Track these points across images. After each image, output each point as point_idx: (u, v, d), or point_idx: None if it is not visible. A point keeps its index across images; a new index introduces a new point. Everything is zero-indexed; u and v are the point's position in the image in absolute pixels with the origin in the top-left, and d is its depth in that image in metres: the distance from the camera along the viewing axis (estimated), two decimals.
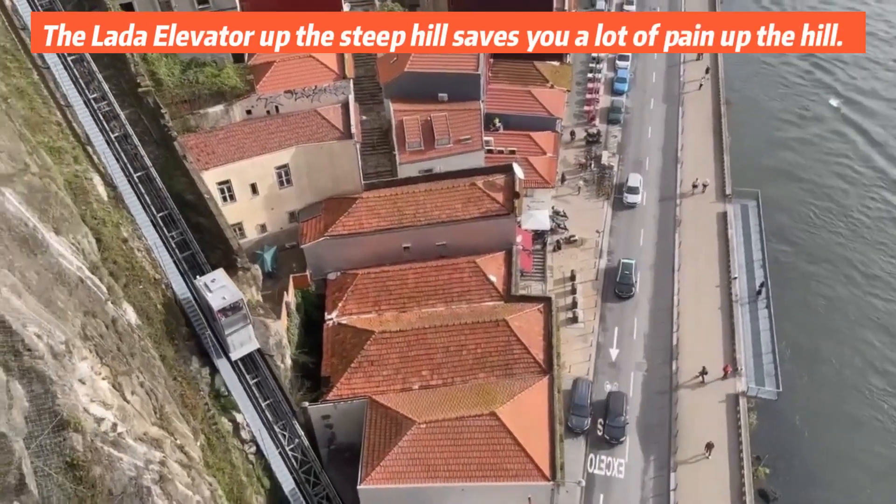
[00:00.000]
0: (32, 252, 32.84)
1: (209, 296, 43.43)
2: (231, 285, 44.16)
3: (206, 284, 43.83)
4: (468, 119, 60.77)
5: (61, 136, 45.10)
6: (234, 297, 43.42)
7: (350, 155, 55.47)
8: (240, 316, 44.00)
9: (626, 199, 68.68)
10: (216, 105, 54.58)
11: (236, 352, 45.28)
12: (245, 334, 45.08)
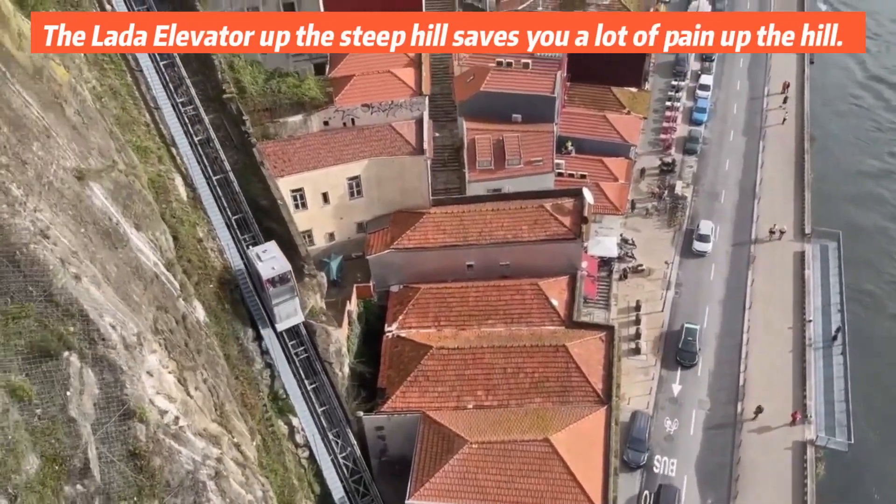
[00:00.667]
0: (114, 245, 34.27)
1: (259, 265, 44.45)
2: (281, 257, 44.94)
3: (258, 254, 45.01)
4: (540, 141, 60.59)
5: (148, 136, 47.14)
6: (282, 269, 44.27)
7: (420, 170, 56.02)
8: (287, 287, 44.85)
9: (696, 247, 65.72)
10: (295, 115, 56.05)
11: (282, 323, 46.05)
12: (291, 306, 45.80)
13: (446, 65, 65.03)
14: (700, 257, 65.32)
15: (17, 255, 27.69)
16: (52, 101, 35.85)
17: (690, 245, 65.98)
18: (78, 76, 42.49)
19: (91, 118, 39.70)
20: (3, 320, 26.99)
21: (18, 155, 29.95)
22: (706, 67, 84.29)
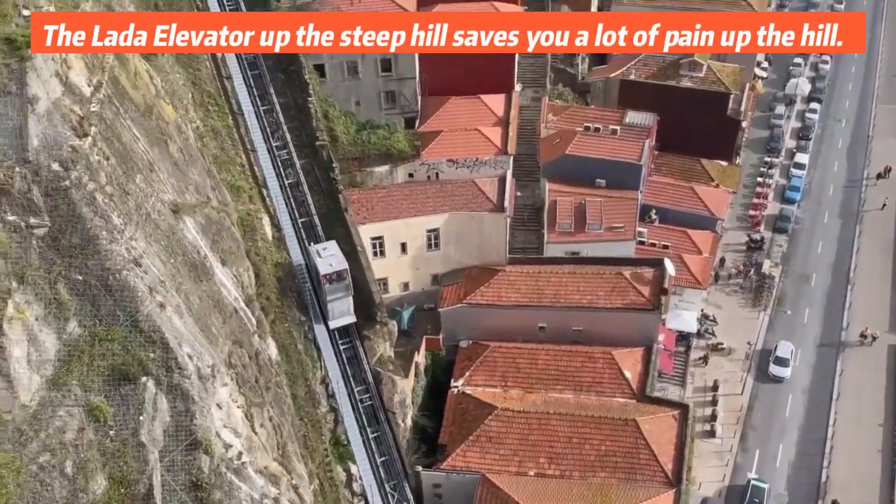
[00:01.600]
0: (199, 278, 35.54)
1: (318, 261, 45.93)
2: (339, 255, 46.40)
3: (318, 251, 46.62)
4: (624, 207, 59.79)
5: (242, 176, 49.23)
6: (340, 266, 45.72)
7: (499, 227, 56.14)
8: (343, 285, 46.14)
9: (773, 371, 59.94)
10: (382, 165, 57.50)
11: (335, 321, 47.04)
12: (345, 305, 47.01)
13: (533, 126, 65.61)
14: (777, 383, 59.58)
15: (110, 280, 29.06)
16: (159, 138, 38.03)
17: (766, 368, 60.33)
18: (184, 115, 45.08)
19: (192, 156, 41.84)
20: (90, 341, 28.19)
21: (122, 186, 31.71)
22: (802, 146, 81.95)
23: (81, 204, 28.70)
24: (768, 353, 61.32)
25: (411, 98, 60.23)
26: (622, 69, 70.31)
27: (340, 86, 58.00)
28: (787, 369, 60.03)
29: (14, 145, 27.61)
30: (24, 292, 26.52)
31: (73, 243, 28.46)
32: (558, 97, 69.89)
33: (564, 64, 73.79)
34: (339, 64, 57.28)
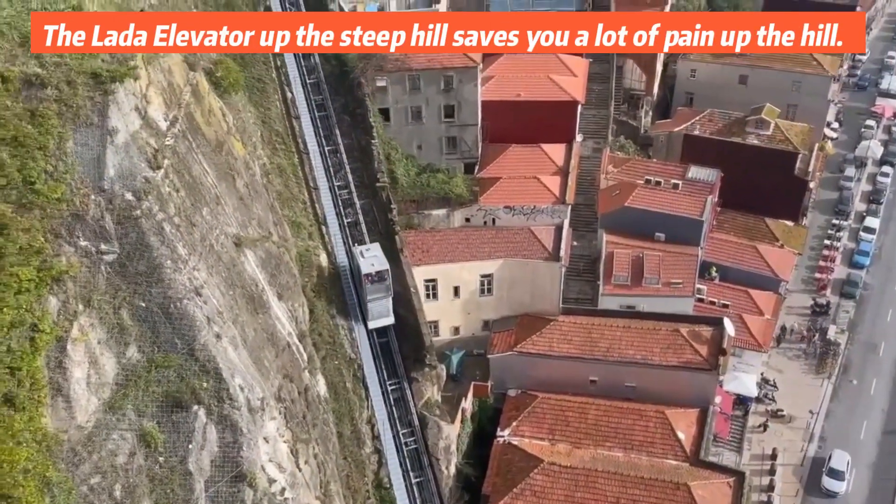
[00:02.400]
0: (256, 311, 36.16)
1: (361, 261, 46.97)
2: (382, 257, 47.48)
3: (362, 252, 47.78)
4: (683, 263, 58.58)
5: (304, 213, 50.29)
6: (381, 267, 46.69)
7: (554, 276, 55.62)
8: (383, 286, 46.88)
9: (826, 484, 54.38)
10: (440, 209, 57.94)
11: (374, 321, 47.63)
12: (384, 306, 47.61)
13: (593, 177, 65.35)
14: (830, 498, 54.32)
15: (171, 308, 29.80)
16: (227, 173, 39.29)
17: (819, 480, 55.02)
18: (252, 152, 46.54)
19: (257, 192, 43.02)
20: (147, 367, 28.83)
21: (190, 217, 32.74)
22: (872, 209, 79.29)
23: (150, 233, 29.69)
24: (821, 462, 55.69)
25: (472, 144, 60.90)
26: (686, 124, 69.74)
27: (404, 129, 59.10)
28: (842, 483, 54.54)
29: (92, 174, 28.86)
30: (89, 315, 27.39)
31: (139, 270, 29.38)
32: (620, 149, 69.62)
33: (627, 116, 73.68)
34: (404, 109, 58.48)
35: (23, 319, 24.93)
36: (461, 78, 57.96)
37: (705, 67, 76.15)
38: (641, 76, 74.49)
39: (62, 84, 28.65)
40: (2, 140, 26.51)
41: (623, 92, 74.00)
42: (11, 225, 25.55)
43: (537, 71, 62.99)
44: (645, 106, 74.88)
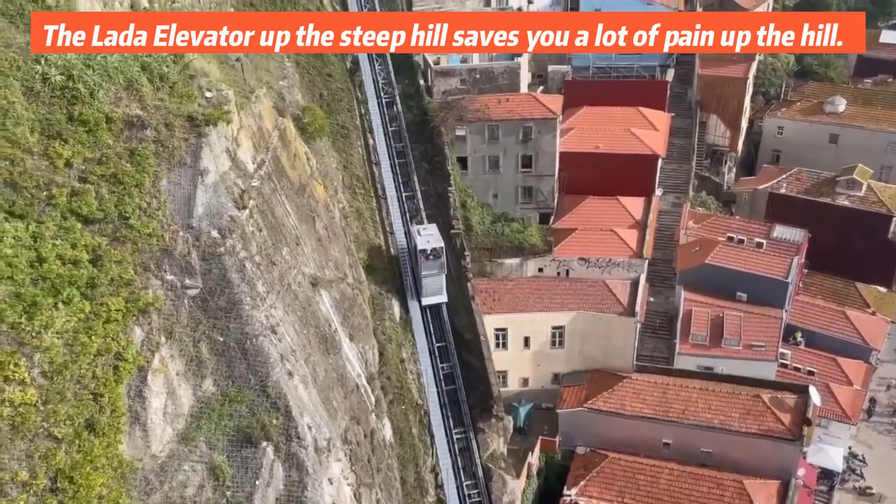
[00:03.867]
0: (327, 351, 36.58)
1: (418, 238, 48.72)
2: (437, 235, 49.21)
3: (419, 230, 49.66)
4: (765, 325, 56.14)
5: (379, 257, 51.02)
6: (437, 244, 48.31)
7: (628, 332, 54.24)
8: (438, 263, 48.47)
9: None
10: (513, 258, 57.80)
11: (427, 298, 49.33)
12: (438, 283, 49.42)
13: (672, 232, 63.93)
14: None
15: (247, 344, 30.47)
16: (308, 215, 40.38)
17: None
18: (333, 196, 47.81)
19: (335, 234, 44.00)
20: (221, 401, 29.41)
21: (270, 256, 33.67)
22: None
23: (232, 270, 30.63)
24: None
25: (548, 195, 60.79)
26: (772, 182, 67.69)
27: (480, 178, 59.63)
28: None
29: (182, 211, 30.15)
30: (170, 347, 28.29)
31: (219, 305, 30.25)
32: (701, 205, 68.05)
33: (710, 172, 72.17)
34: (482, 158, 59.14)
35: (109, 348, 25.94)
36: (540, 129, 58.30)
37: (793, 125, 74.19)
38: (725, 132, 73.12)
39: (161, 126, 30.26)
40: (102, 177, 28.06)
41: (706, 147, 72.74)
42: (105, 257, 26.84)
43: (618, 124, 62.92)
44: (728, 162, 73.24)
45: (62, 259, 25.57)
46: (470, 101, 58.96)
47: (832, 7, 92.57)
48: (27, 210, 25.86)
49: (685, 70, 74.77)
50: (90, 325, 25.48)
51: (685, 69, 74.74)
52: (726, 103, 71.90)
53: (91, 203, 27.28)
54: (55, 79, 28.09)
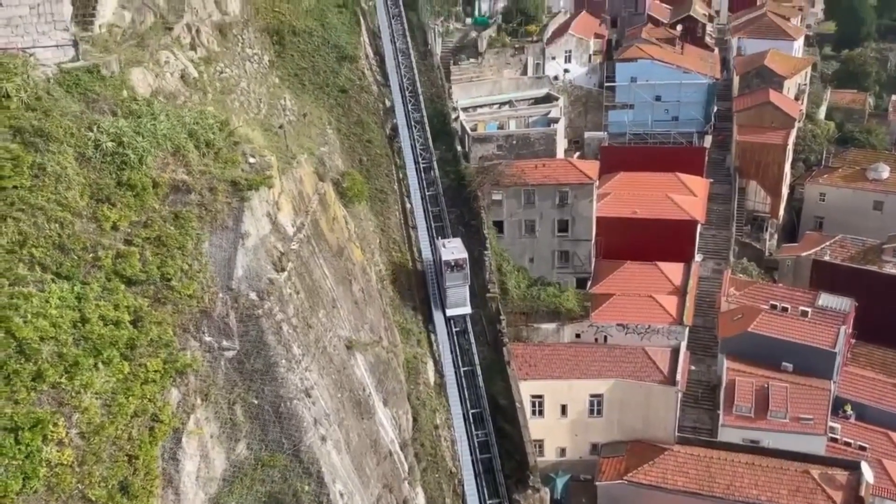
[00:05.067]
0: (361, 416, 36.15)
1: (443, 251, 50.16)
2: (461, 248, 50.54)
3: (444, 243, 51.22)
4: (813, 397, 54.03)
5: (414, 320, 50.87)
6: (461, 255, 49.72)
7: (669, 402, 52.68)
8: (462, 274, 49.84)
9: None
10: (550, 322, 57.13)
11: (451, 310, 50.52)
12: (462, 294, 50.70)
13: (712, 298, 62.72)
14: None
15: (281, 407, 30.31)
16: (345, 277, 40.65)
17: None
18: (370, 259, 48.17)
19: (371, 297, 44.11)
20: (254, 465, 29.09)
21: (307, 319, 33.79)
22: None
23: (269, 332, 30.76)
24: None
25: (585, 259, 60.43)
26: (815, 249, 66.31)
27: (517, 242, 59.65)
28: None
29: (222, 273, 30.58)
30: (205, 409, 28.25)
31: (255, 368, 30.27)
32: (742, 271, 66.82)
33: (750, 238, 71.13)
34: (518, 222, 59.33)
35: (145, 409, 25.98)
36: (576, 194, 58.45)
37: (836, 192, 73.14)
38: (766, 198, 72.34)
39: (205, 190, 31.06)
40: (147, 239, 28.73)
41: (746, 213, 71.95)
42: (146, 318, 27.20)
43: (655, 189, 62.79)
44: (770, 228, 72.19)
45: (104, 320, 25.96)
46: (506, 166, 59.55)
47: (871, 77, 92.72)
48: (73, 271, 26.48)
49: (723, 136, 74.78)
50: (128, 385, 25.62)
51: (723, 135, 74.76)
52: (766, 170, 71.36)
53: (135, 265, 27.85)
54: (106, 145, 29.17)
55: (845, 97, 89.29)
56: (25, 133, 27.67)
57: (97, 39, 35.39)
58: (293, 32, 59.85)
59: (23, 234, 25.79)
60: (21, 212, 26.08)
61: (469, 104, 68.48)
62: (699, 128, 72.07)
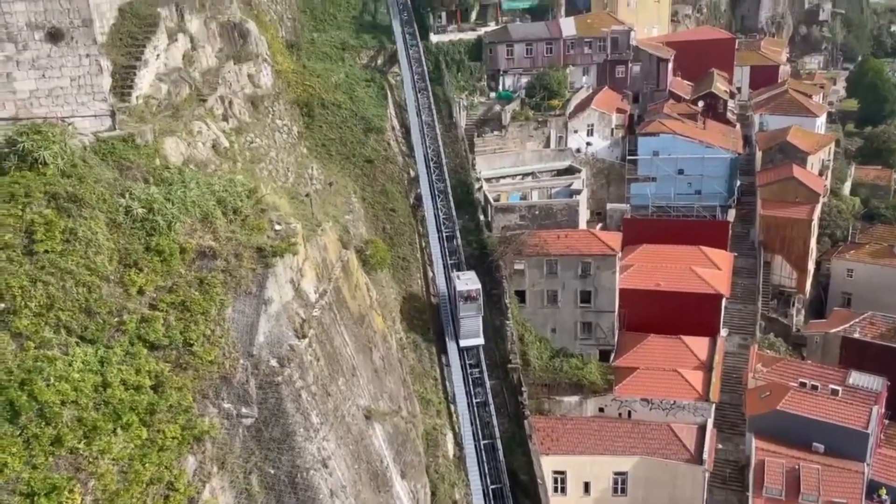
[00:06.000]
0: (378, 488, 35.35)
1: (457, 282, 51.98)
2: (475, 279, 52.52)
3: (458, 275, 53.24)
4: (846, 480, 51.83)
5: (433, 390, 50.28)
6: (474, 287, 51.37)
7: (696, 481, 50.92)
8: (475, 306, 51.31)
9: None
10: (572, 395, 56.14)
11: (465, 340, 51.85)
12: (475, 324, 51.98)
13: (739, 375, 61.34)
14: None
15: (298, 478, 29.77)
16: (365, 345, 40.49)
17: None
18: (391, 326, 48.04)
19: (391, 365, 43.79)
20: None
21: (326, 387, 33.53)
22: None
23: (288, 399, 30.51)
24: None
25: (608, 331, 59.74)
26: (844, 326, 64.94)
27: (539, 312, 59.27)
28: None
29: (243, 339, 30.61)
30: (221, 478, 27.83)
31: (273, 436, 29.91)
32: (769, 347, 65.45)
33: (777, 313, 69.97)
34: (540, 292, 59.07)
35: (161, 477, 25.66)
36: (599, 265, 58.27)
37: (864, 268, 72.18)
38: (792, 273, 71.49)
39: (230, 256, 31.44)
40: (171, 304, 28.98)
41: (772, 288, 71.02)
42: (167, 383, 27.18)
43: (679, 262, 62.42)
44: (796, 304, 71.05)
45: (126, 384, 25.99)
46: (529, 236, 59.77)
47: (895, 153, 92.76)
48: (98, 335, 26.69)
49: (746, 210, 74.62)
50: (145, 452, 25.41)
51: (746, 209, 74.62)
52: (791, 244, 70.79)
53: (158, 330, 28.02)
54: (137, 211, 29.83)
55: (870, 173, 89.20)
56: (60, 199, 28.44)
57: (134, 110, 36.70)
58: (322, 105, 61.69)
59: (51, 297, 26.18)
60: (51, 275, 26.55)
61: (492, 175, 69.41)
62: (722, 201, 72.07)
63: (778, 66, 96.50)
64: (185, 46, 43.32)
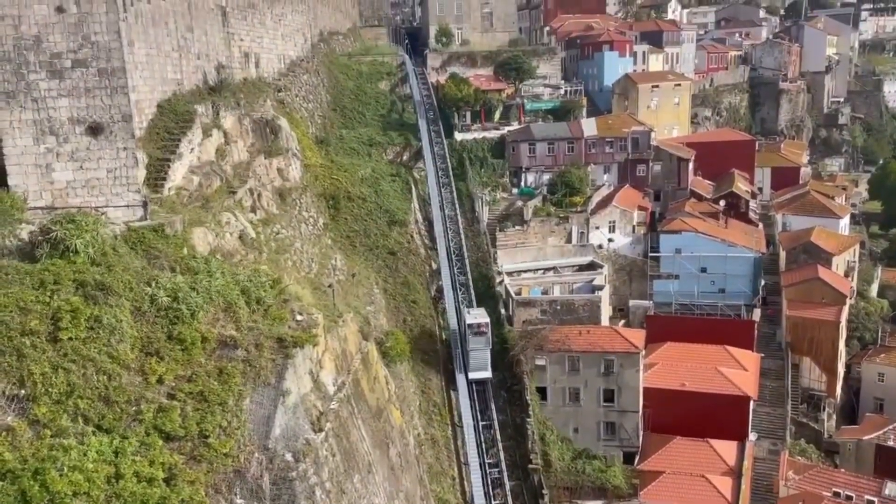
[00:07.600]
0: None
1: (467, 316, 54.88)
2: (484, 314, 55.19)
3: (468, 311, 56.16)
4: None
5: (451, 490, 48.64)
6: (483, 320, 54.03)
7: None
8: (483, 339, 53.83)
9: None
10: (595, 500, 53.89)
11: (474, 373, 53.92)
12: (483, 357, 54.32)
13: (769, 482, 58.63)
14: None
15: None
16: (382, 440, 39.59)
17: None
18: (409, 422, 47.09)
19: (408, 462, 42.63)
20: None
21: (341, 484, 32.61)
22: None
23: (302, 496, 29.65)
24: None
25: (632, 432, 57.92)
26: (877, 433, 62.43)
27: (560, 410, 57.82)
28: None
29: (259, 432, 30.13)
30: None
31: None
32: (800, 453, 62.81)
33: (807, 418, 67.60)
34: (562, 389, 57.83)
35: None
36: (622, 363, 57.20)
37: (894, 372, 70.09)
38: (821, 376, 69.49)
39: (251, 346, 31.43)
40: (190, 394, 28.81)
41: (801, 391, 68.92)
42: (180, 476, 26.62)
43: (704, 361, 61.07)
44: (827, 408, 68.75)
45: (138, 476, 25.50)
46: (550, 331, 59.11)
47: None
48: (115, 424, 26.47)
49: (772, 310, 73.50)
50: None
51: (772, 309, 73.51)
52: (819, 346, 69.13)
53: (175, 420, 27.73)
54: (162, 300, 30.14)
55: None
56: (88, 286, 28.90)
57: (165, 200, 37.74)
58: (348, 198, 63.04)
59: (71, 384, 26.17)
60: (72, 363, 26.65)
61: (513, 269, 69.51)
62: (747, 301, 71.17)
63: (799, 167, 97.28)
64: (218, 141, 44.93)
